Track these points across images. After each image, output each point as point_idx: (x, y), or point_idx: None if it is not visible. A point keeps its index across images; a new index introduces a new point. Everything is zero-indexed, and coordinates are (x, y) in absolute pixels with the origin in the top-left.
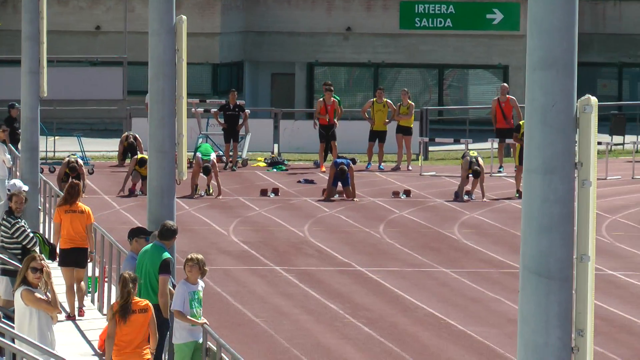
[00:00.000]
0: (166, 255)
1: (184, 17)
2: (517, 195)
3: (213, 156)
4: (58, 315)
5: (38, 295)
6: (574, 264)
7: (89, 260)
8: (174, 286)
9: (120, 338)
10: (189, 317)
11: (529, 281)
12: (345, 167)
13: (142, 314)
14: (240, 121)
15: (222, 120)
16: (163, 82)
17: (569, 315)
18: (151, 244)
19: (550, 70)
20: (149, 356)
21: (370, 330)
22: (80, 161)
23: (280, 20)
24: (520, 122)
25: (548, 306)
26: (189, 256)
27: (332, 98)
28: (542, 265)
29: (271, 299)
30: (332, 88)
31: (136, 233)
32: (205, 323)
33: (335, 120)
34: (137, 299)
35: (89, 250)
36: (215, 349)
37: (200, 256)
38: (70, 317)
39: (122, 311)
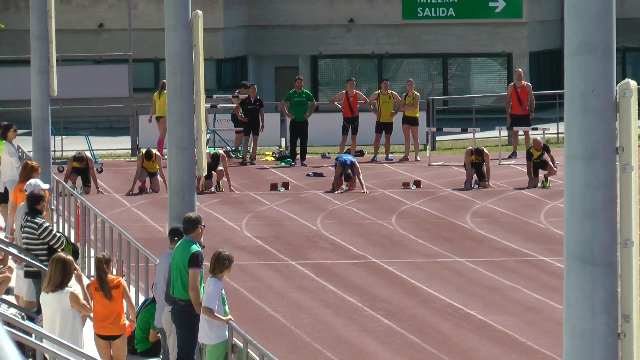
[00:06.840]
0: (195, 248)
1: (200, 12)
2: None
3: (221, 151)
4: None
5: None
6: (618, 249)
7: None
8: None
9: (100, 312)
10: (218, 314)
11: (573, 267)
12: (351, 173)
13: (115, 290)
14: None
15: (242, 115)
16: (180, 78)
17: (614, 301)
18: (182, 240)
19: (589, 55)
20: (125, 324)
21: (390, 322)
22: (89, 154)
23: (283, 14)
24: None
25: (594, 292)
26: (231, 255)
27: (355, 90)
28: (586, 251)
29: (289, 294)
30: (353, 79)
31: (177, 233)
32: (231, 319)
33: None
34: (111, 276)
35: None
36: (242, 345)
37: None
38: None
39: (100, 288)
